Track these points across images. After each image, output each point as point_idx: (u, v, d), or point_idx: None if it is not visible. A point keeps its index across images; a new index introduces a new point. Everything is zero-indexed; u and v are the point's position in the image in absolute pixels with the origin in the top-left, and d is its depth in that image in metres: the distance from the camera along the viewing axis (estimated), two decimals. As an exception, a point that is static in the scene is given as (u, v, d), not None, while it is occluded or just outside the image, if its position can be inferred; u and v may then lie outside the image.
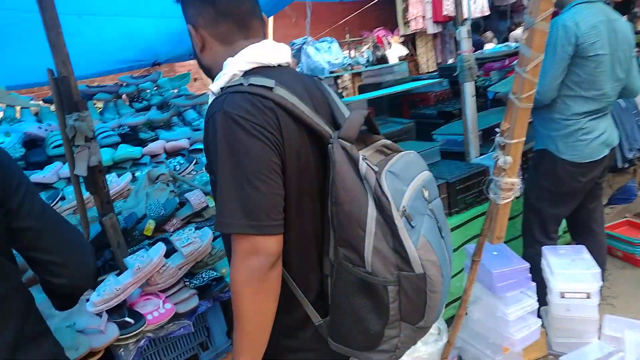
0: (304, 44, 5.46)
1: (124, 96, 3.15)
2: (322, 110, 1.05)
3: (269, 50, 1.03)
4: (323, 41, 5.50)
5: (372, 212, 0.91)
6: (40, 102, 2.97)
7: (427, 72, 6.55)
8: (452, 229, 2.38)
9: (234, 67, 0.99)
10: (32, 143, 2.51)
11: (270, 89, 0.93)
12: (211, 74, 1.08)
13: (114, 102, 3.07)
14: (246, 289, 0.90)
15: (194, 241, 1.67)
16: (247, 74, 0.98)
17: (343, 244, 0.94)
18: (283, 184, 0.94)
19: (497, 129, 1.53)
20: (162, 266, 1.58)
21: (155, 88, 3.24)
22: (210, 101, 1.00)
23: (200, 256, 1.69)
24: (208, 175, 1.47)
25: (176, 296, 1.61)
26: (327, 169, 0.97)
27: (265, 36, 1.10)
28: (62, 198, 2.14)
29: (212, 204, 2.09)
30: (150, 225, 1.94)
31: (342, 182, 0.92)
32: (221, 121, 0.90)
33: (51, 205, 1.97)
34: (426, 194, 1.01)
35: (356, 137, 0.96)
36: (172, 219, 2.01)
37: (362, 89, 4.57)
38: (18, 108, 2.71)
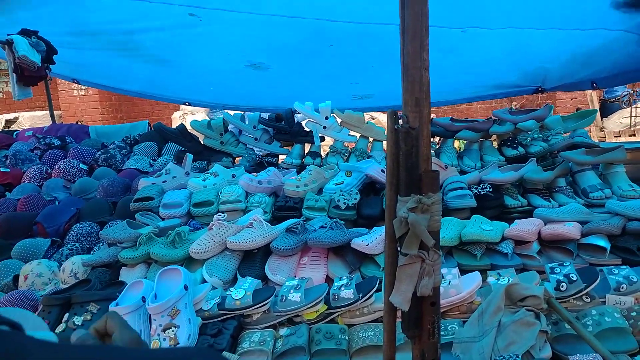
0: None
1: (494, 137, 2.36)
2: None
3: None
4: None
5: None
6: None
7: None
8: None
9: None
10: (371, 187, 2.07)
11: None
12: None
13: (479, 143, 2.32)
14: None
15: None
16: None
17: None
18: None
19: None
20: None
21: (540, 129, 2.29)
22: None
23: None
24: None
25: None
26: None
27: None
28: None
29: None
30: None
31: None
32: None
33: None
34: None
35: None
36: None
37: None
38: (370, 140, 2.32)
